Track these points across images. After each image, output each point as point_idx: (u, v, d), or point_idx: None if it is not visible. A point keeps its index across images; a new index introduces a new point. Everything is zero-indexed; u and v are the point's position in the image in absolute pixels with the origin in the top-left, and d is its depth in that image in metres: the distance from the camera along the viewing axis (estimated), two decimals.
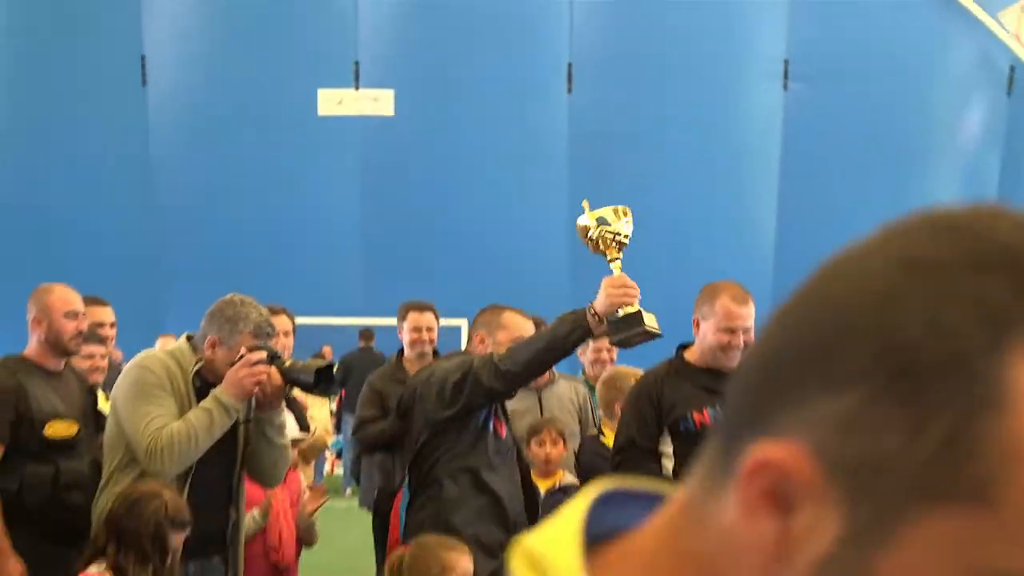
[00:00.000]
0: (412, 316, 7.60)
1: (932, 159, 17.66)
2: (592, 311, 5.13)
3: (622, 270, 5.30)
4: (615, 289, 5.17)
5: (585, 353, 7.62)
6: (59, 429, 5.55)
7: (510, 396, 5.49)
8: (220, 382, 5.00)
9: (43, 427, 5.56)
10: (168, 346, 5.27)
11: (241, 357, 4.97)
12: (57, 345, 5.75)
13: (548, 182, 17.82)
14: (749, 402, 0.77)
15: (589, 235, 5.35)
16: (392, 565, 4.74)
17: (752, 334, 5.62)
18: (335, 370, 5.51)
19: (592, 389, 7.48)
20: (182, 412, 4.95)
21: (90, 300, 6.32)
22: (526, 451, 6.21)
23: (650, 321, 5.26)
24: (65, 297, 5.81)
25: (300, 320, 7.86)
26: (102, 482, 5.15)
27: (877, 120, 17.13)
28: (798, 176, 17.52)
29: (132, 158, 17.59)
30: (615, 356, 7.58)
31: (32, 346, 5.80)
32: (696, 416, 5.47)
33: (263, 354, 5.00)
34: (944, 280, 0.70)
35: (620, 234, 5.34)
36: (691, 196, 17.29)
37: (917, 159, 17.56)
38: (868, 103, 17.10)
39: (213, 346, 5.08)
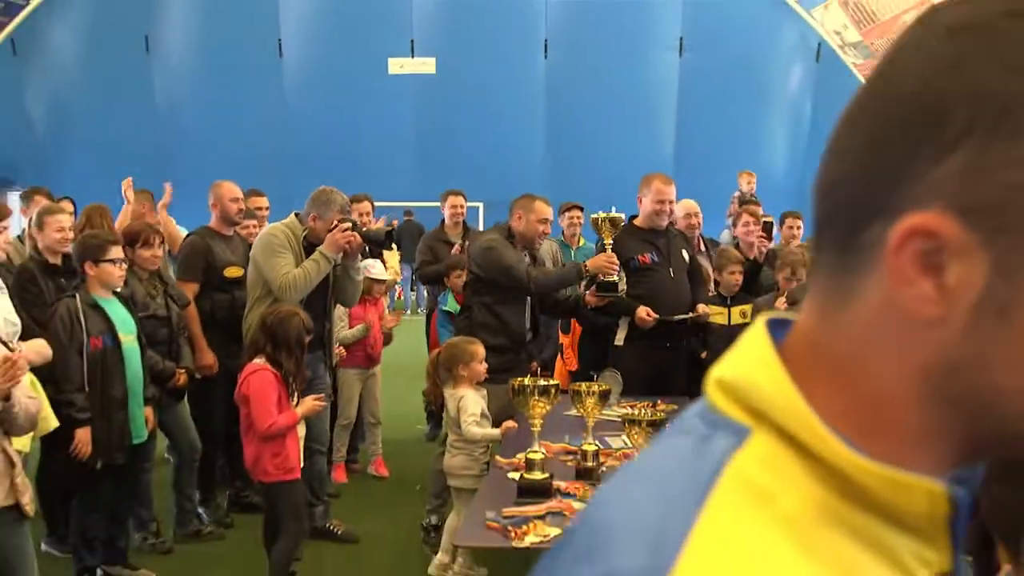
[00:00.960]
0: (451, 198, 7.55)
1: (770, 104, 17.54)
2: (585, 267, 5.30)
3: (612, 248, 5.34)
4: (605, 261, 5.27)
5: (563, 221, 7.54)
6: (233, 272, 5.56)
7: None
8: (319, 242, 4.96)
9: (223, 270, 5.59)
10: (285, 220, 5.21)
11: (335, 226, 4.93)
12: (226, 219, 5.76)
13: (531, 118, 17.85)
14: (855, 203, 0.59)
15: (599, 223, 5.36)
16: (432, 358, 4.81)
17: (674, 206, 5.67)
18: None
19: (565, 246, 7.41)
20: (296, 262, 4.94)
21: (253, 192, 6.40)
22: None
23: (622, 286, 5.35)
24: (231, 188, 5.82)
25: (377, 204, 7.82)
26: (247, 308, 5.12)
27: (738, 79, 16.83)
28: (688, 118, 17.35)
29: (272, 108, 17.56)
30: (581, 223, 7.51)
31: (213, 220, 5.80)
32: (640, 258, 5.51)
33: (349, 224, 4.96)
34: (993, 33, 0.54)
35: (618, 219, 5.33)
36: (617, 129, 17.22)
37: (762, 104, 17.37)
38: (733, 68, 16.79)
39: (314, 220, 5.05)
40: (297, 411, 4.35)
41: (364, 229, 5.12)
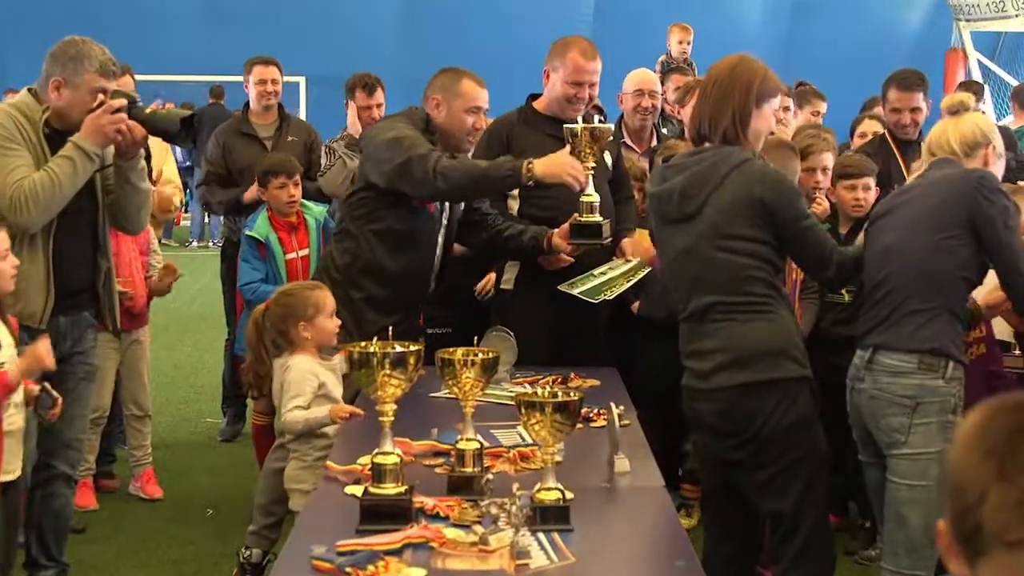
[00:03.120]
0: (257, 69, 7.45)
1: None
2: (529, 167, 4.88)
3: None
4: (569, 168, 4.92)
5: None
6: None
7: (429, 202, 5.24)
8: (69, 128, 4.63)
9: None
10: (14, 99, 4.89)
11: (101, 104, 4.58)
12: None
13: None
14: None
15: (577, 138, 5.01)
16: (255, 318, 4.78)
17: (597, 89, 5.54)
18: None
19: None
20: (37, 163, 4.57)
21: None
22: None
23: (606, 232, 5.12)
24: None
25: (144, 77, 7.64)
26: None
27: None
28: None
29: None
30: None
31: None
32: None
33: (124, 102, 4.63)
34: None
35: (606, 131, 5.09)
36: None
37: None
38: None
39: (58, 88, 4.64)
40: (8, 372, 4.11)
41: (150, 111, 4.86)
